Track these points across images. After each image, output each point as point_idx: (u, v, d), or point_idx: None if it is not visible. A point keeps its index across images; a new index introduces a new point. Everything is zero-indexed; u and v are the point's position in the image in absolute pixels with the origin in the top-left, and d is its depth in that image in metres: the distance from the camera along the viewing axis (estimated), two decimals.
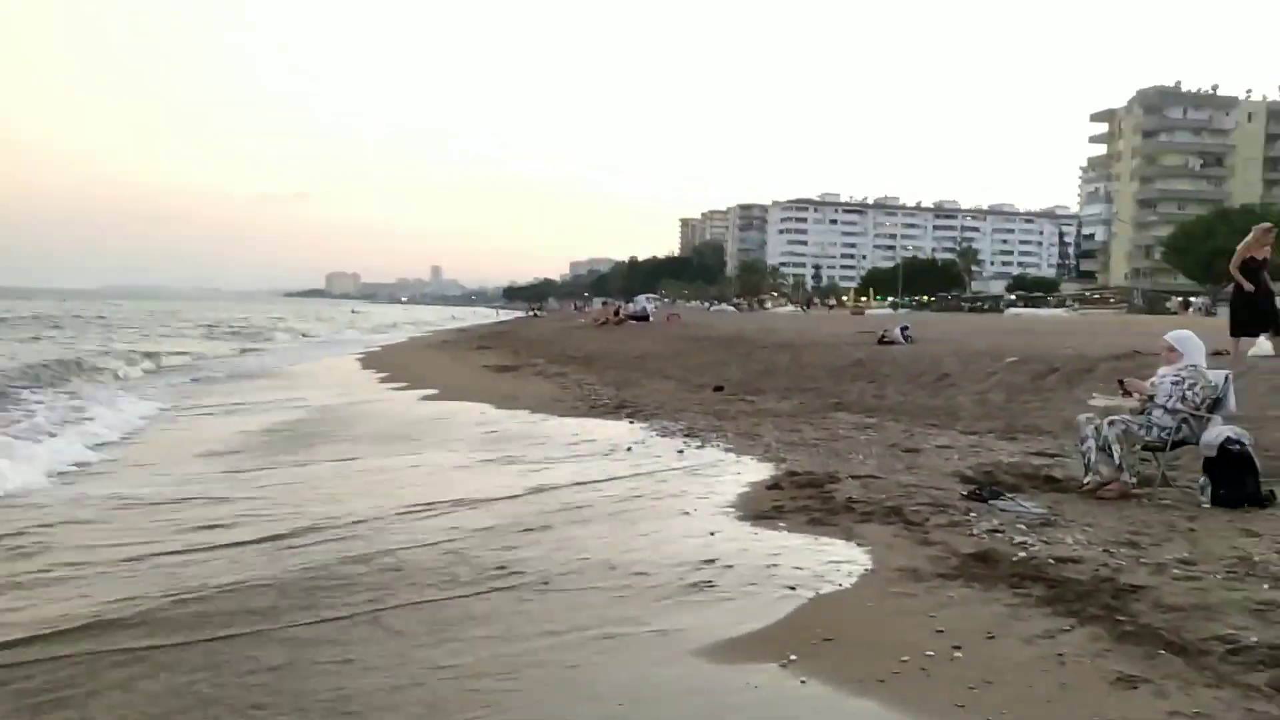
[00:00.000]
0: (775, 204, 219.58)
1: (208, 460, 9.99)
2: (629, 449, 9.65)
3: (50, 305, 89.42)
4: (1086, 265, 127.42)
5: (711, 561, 5.43)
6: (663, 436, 10.35)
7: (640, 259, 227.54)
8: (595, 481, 8.11)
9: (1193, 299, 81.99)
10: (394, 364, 24.89)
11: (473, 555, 5.76)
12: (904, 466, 8.33)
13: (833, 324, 37.54)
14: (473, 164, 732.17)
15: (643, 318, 40.79)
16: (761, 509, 6.74)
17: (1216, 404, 7.06)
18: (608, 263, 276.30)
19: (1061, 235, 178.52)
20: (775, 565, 5.33)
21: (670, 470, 8.51)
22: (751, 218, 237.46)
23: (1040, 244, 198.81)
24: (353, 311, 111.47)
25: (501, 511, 7.05)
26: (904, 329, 20.57)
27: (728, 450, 9.38)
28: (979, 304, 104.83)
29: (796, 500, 6.94)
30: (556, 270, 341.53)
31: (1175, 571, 4.98)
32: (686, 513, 6.84)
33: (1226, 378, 7.23)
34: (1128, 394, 7.45)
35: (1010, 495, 6.81)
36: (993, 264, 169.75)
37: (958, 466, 8.30)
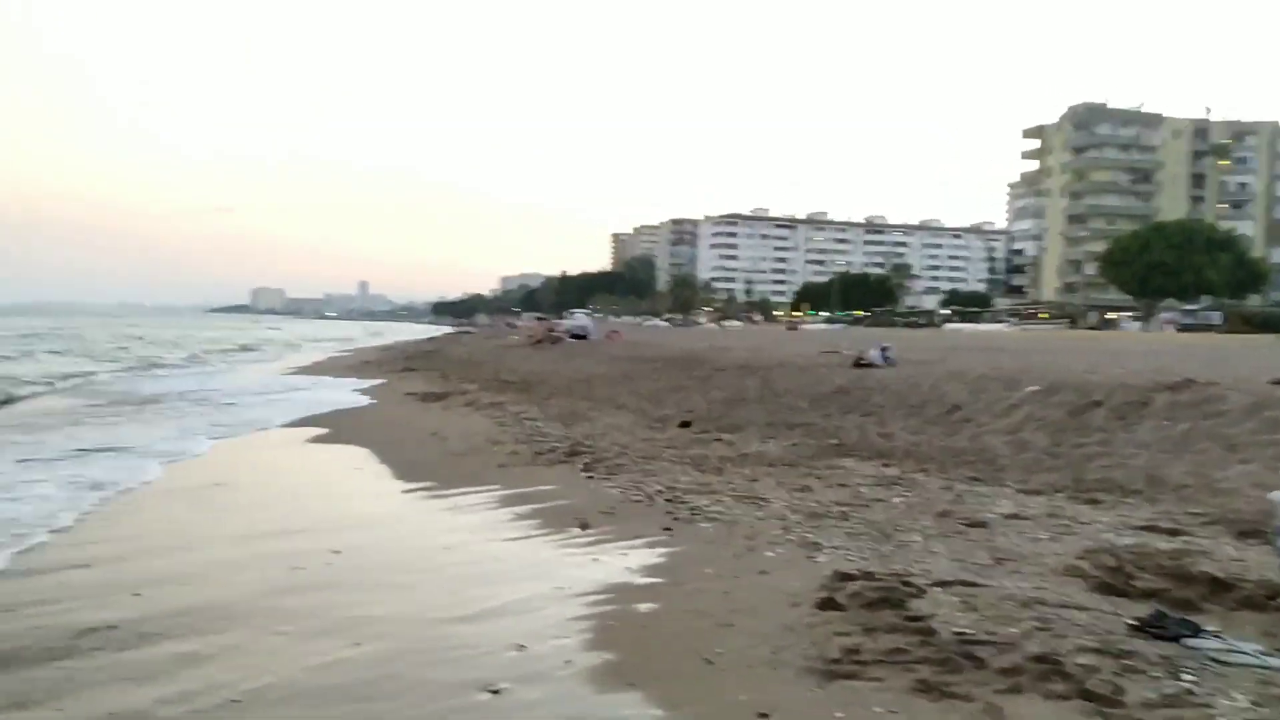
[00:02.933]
0: (707, 219, 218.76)
1: None
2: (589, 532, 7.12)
3: None
4: (1017, 280, 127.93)
5: None
6: (639, 502, 7.82)
7: (571, 274, 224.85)
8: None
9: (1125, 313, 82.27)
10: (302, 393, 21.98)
11: None
12: (989, 557, 5.93)
13: (786, 343, 35.40)
14: (397, 179, 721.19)
15: (582, 335, 38.08)
16: (828, 654, 4.27)
17: None
18: (539, 277, 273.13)
19: (990, 251, 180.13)
20: None
21: (660, 571, 6.00)
22: (683, 232, 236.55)
23: (969, 259, 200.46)
24: (268, 328, 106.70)
25: None
26: (884, 350, 18.36)
27: (728, 525, 6.88)
28: (914, 319, 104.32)
29: (873, 633, 4.49)
30: (486, 285, 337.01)
31: None
32: (709, 662, 4.34)
33: None
34: None
35: (1207, 630, 4.43)
36: (922, 279, 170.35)
37: (1061, 556, 5.94)
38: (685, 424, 12.87)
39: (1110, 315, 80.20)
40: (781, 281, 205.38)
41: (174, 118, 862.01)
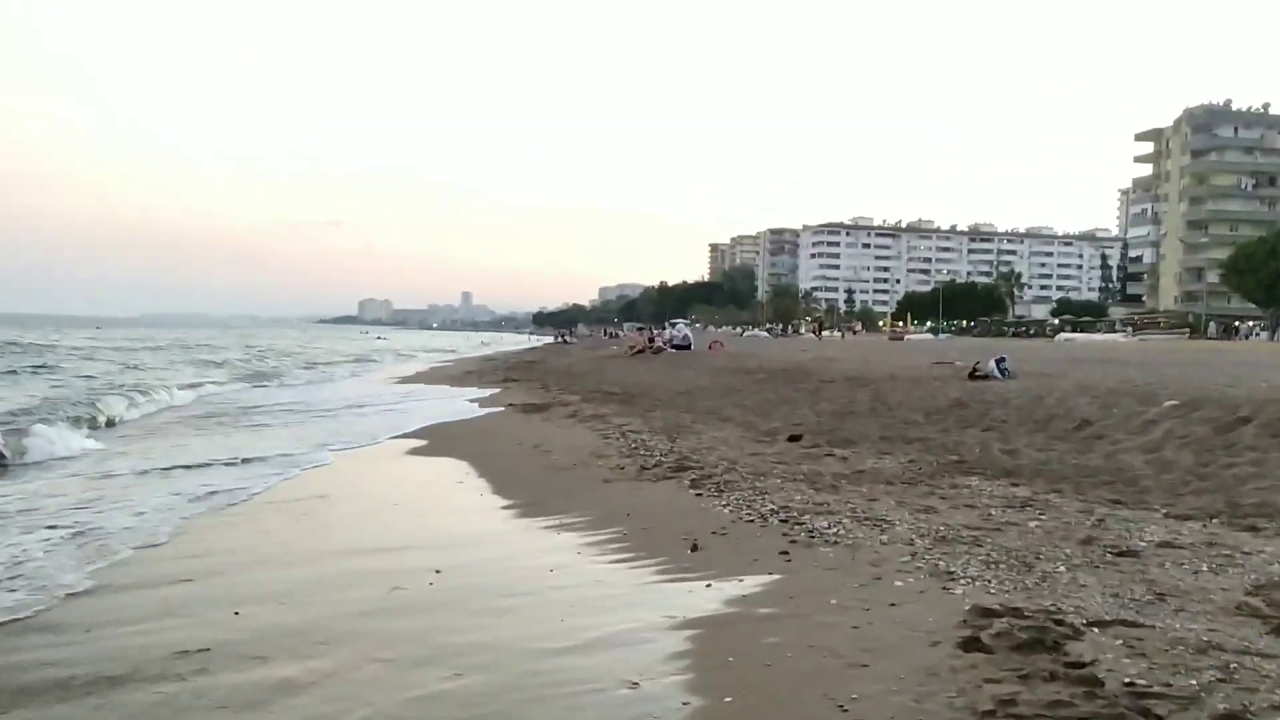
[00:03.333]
0: (806, 228, 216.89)
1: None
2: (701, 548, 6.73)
3: (66, 335, 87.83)
4: (1133, 289, 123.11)
5: None
6: (752, 523, 7.38)
7: (670, 284, 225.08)
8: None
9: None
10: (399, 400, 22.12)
11: None
12: (1147, 592, 5.34)
13: (893, 354, 34.48)
14: (497, 195, 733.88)
15: (684, 346, 37.59)
16: (979, 705, 3.79)
17: None
18: (637, 288, 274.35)
19: (1104, 258, 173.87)
20: None
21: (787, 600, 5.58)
22: (783, 242, 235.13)
23: (1081, 267, 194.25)
24: (378, 338, 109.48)
25: None
26: (999, 361, 17.55)
27: (851, 549, 6.41)
28: (1024, 329, 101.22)
29: (1028, 681, 3.98)
30: (586, 296, 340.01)
31: None
32: (843, 708, 3.90)
33: None
34: None
35: None
36: (1031, 287, 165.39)
37: (1228, 591, 5.32)
38: (795, 438, 12.37)
39: (1235, 324, 76.41)
40: (884, 291, 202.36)
41: (288, 134, 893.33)
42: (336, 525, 8.51)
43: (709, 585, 5.79)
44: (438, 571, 6.45)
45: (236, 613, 5.72)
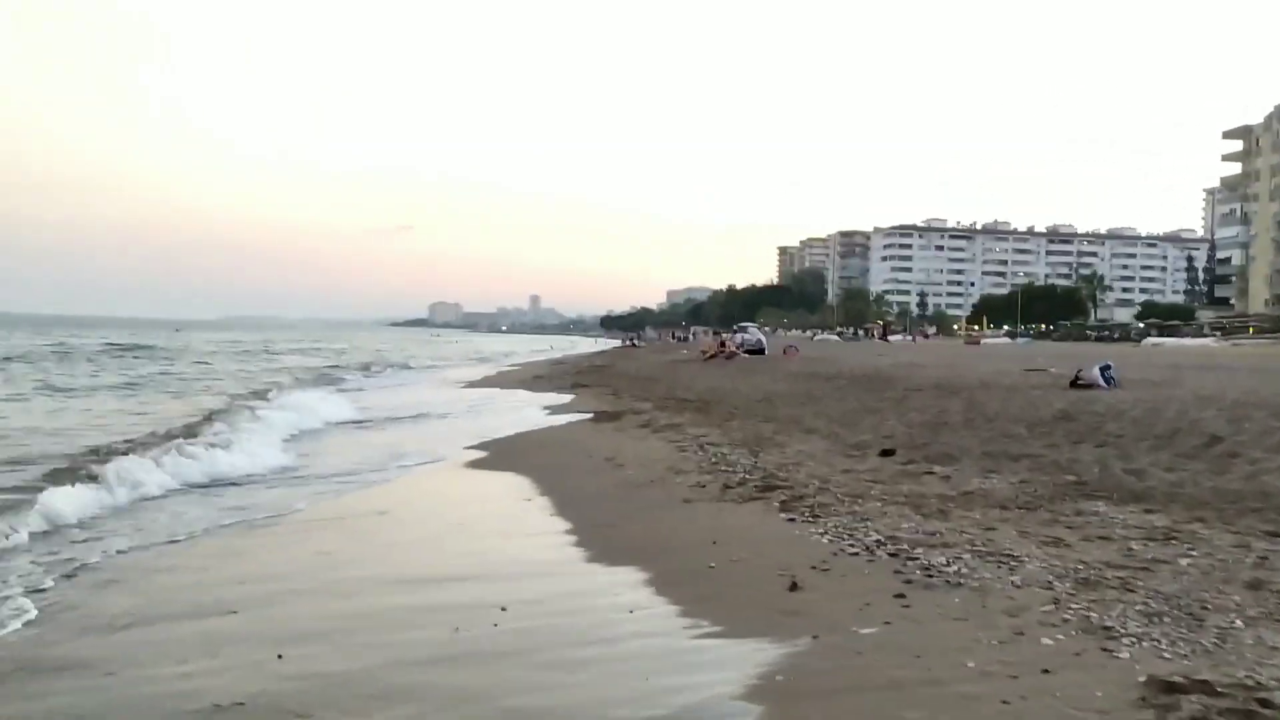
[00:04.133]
0: (878, 230, 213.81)
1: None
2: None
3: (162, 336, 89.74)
4: (1221, 291, 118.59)
5: None
6: (857, 556, 6.53)
7: (738, 287, 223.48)
8: None
9: None
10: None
11: None
12: None
13: (976, 360, 33.19)
14: (566, 197, 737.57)
15: (758, 351, 36.56)
16: None
17: None
18: (704, 291, 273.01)
19: (1190, 260, 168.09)
20: None
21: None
22: (853, 244, 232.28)
23: (1165, 269, 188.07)
24: (450, 341, 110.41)
25: None
26: (1104, 369, 16.37)
27: (979, 593, 5.53)
28: (1107, 333, 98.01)
29: None
30: (653, 299, 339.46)
31: None
32: None
33: None
34: None
35: None
36: (1113, 290, 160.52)
37: None
38: (887, 452, 11.46)
39: None
40: (958, 294, 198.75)
41: (363, 143, 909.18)
42: (397, 548, 7.86)
43: (816, 638, 4.97)
44: (503, 609, 5.73)
45: (280, 655, 5.07)
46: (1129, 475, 9.42)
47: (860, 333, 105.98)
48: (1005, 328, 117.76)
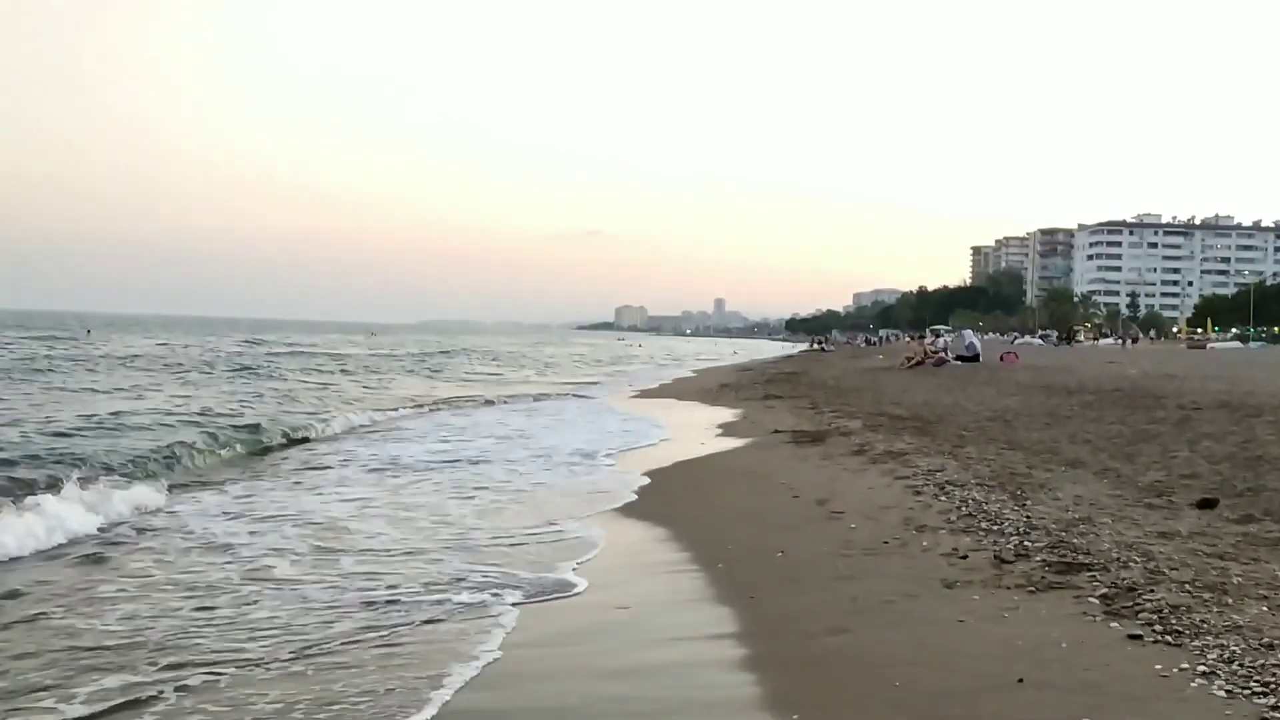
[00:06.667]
0: (1082, 227, 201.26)
1: None
2: None
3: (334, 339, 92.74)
4: None
5: None
6: None
7: (929, 288, 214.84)
8: None
9: None
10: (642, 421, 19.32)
11: None
12: None
13: (1234, 367, 28.66)
14: (755, 190, 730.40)
15: (972, 357, 32.67)
16: None
17: None
18: (893, 293, 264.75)
19: None
20: None
21: None
22: (1055, 243, 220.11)
23: None
24: (635, 346, 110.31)
25: None
26: None
27: None
28: None
29: None
30: (839, 301, 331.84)
31: None
32: None
33: None
34: None
35: None
36: None
37: None
38: (1208, 503, 8.38)
39: None
40: (1173, 294, 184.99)
41: (548, 155, 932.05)
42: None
43: None
44: None
45: None
46: None
47: (1068, 337, 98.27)
48: (1234, 330, 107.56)
